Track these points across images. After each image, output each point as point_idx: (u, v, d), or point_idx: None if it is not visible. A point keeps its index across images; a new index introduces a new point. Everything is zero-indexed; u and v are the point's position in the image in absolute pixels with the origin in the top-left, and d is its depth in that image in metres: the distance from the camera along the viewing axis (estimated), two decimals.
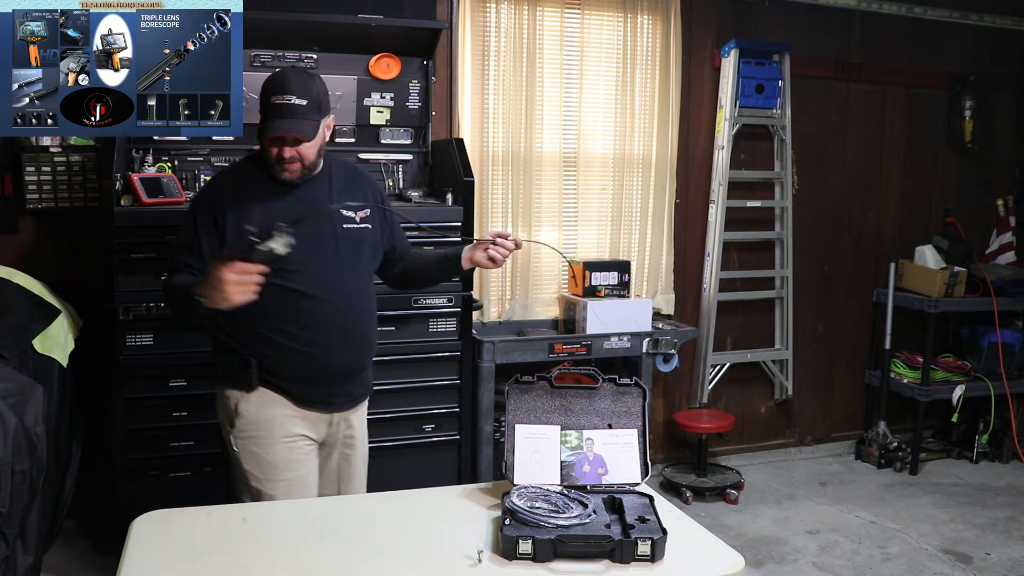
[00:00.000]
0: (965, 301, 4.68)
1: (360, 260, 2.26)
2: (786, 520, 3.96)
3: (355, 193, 2.27)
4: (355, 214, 2.24)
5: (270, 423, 2.17)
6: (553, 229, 4.15)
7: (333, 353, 2.18)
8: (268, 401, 2.16)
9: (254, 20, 3.01)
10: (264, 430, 2.16)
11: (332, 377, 2.22)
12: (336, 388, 2.24)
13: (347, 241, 2.21)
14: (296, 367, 2.14)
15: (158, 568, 1.59)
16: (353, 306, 2.22)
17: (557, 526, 1.66)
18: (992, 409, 4.70)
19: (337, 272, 2.18)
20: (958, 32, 4.90)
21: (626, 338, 3.80)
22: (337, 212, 2.19)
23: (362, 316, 2.27)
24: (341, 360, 2.21)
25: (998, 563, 3.55)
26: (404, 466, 3.25)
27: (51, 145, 3.27)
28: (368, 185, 2.36)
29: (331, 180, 2.22)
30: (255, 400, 2.16)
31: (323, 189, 2.20)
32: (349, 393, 2.29)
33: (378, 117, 3.55)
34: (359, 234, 2.25)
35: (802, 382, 4.81)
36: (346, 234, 2.21)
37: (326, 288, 2.14)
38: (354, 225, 2.24)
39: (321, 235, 2.15)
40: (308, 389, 2.19)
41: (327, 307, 2.15)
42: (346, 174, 2.29)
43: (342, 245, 2.20)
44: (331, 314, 2.16)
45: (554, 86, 4.04)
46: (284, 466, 2.16)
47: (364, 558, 1.64)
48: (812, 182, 4.71)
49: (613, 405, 2.00)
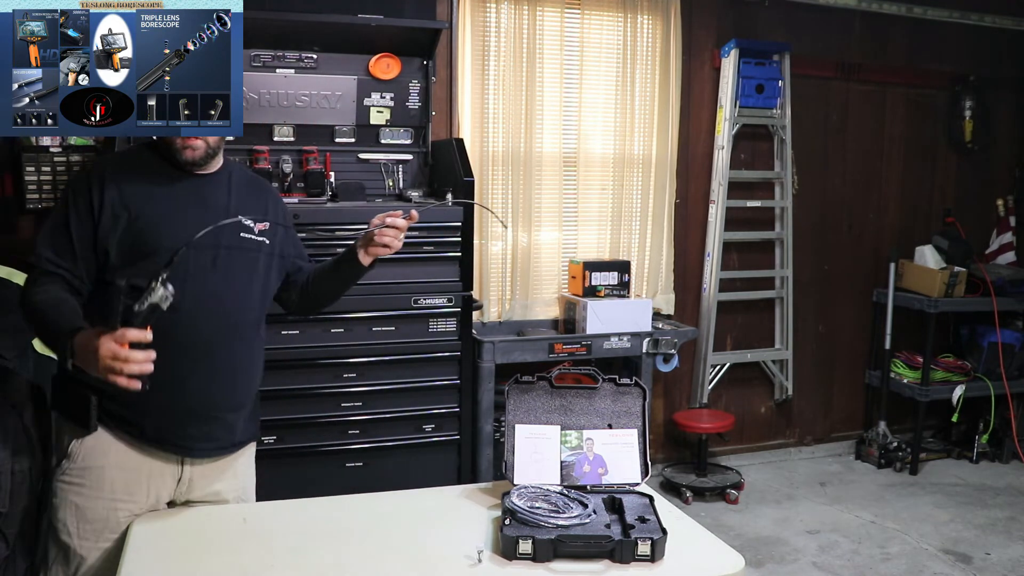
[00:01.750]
0: (965, 301, 4.69)
1: (250, 278, 1.92)
2: (786, 520, 3.96)
3: (257, 203, 1.97)
4: (254, 225, 1.92)
5: (100, 475, 1.79)
6: (553, 229, 4.15)
7: (195, 383, 1.81)
8: (104, 448, 1.77)
9: (254, 20, 3.02)
10: (91, 481, 1.79)
11: (190, 415, 1.82)
12: (194, 430, 1.84)
13: (238, 253, 1.89)
14: (145, 396, 1.61)
15: (158, 568, 1.59)
16: (230, 330, 1.86)
17: (557, 526, 1.66)
18: (992, 409, 4.71)
19: (216, 286, 1.84)
20: (958, 32, 4.90)
21: (626, 338, 3.80)
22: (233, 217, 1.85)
23: (241, 343, 1.89)
24: (204, 393, 1.83)
25: (998, 563, 3.55)
26: (404, 466, 3.25)
27: (51, 145, 3.27)
28: (270, 197, 2.07)
29: (230, 183, 1.93)
30: (90, 443, 1.78)
31: (220, 190, 1.90)
32: (212, 439, 1.87)
33: (378, 117, 3.55)
34: (254, 248, 1.92)
35: (802, 382, 4.81)
36: (240, 244, 1.89)
37: (197, 302, 1.78)
38: (251, 236, 1.91)
39: (203, 241, 1.78)
40: (158, 424, 1.80)
41: (194, 326, 1.79)
42: (247, 181, 2.00)
43: (228, 256, 1.86)
44: (198, 335, 1.79)
45: (554, 86, 4.05)
46: (103, 528, 1.78)
47: (364, 558, 1.64)
48: (812, 182, 4.71)
49: (613, 405, 2.00)
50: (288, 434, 3.13)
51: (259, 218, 1.93)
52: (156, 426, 1.81)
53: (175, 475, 1.86)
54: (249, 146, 3.34)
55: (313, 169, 3.36)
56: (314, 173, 3.35)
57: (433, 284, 3.27)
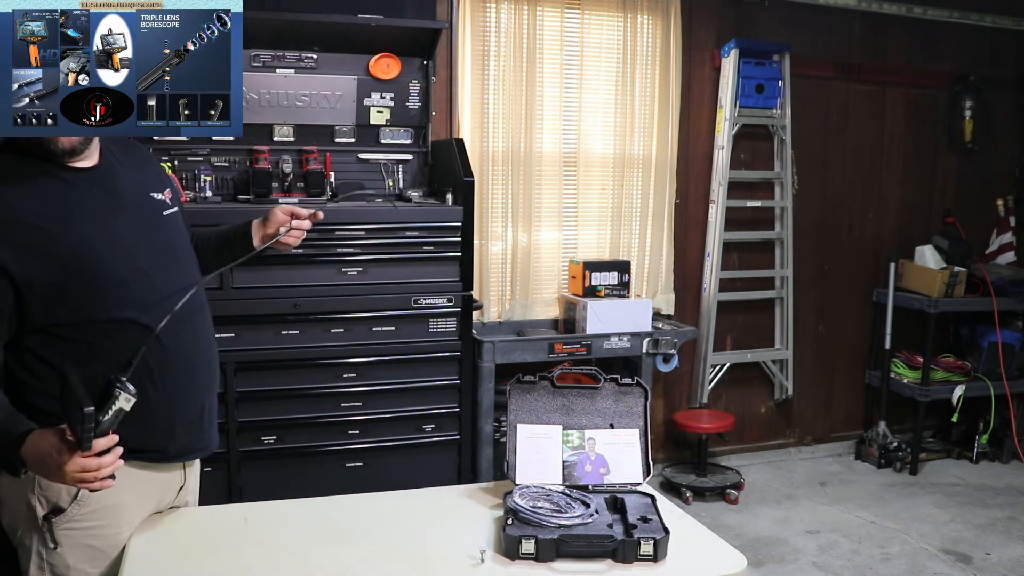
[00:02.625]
0: (965, 301, 4.69)
1: (188, 253, 1.79)
2: (786, 520, 3.96)
3: (147, 168, 1.79)
4: (164, 196, 1.75)
5: (120, 512, 1.67)
6: (553, 229, 4.15)
7: (200, 384, 1.74)
8: (120, 483, 1.52)
9: (254, 20, 3.03)
10: (110, 519, 1.65)
11: (203, 415, 1.77)
12: (206, 430, 1.80)
13: (175, 235, 1.75)
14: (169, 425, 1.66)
15: (160, 569, 1.59)
16: (199, 311, 1.76)
17: (560, 526, 1.66)
18: (992, 409, 4.70)
19: (177, 279, 1.69)
20: (958, 32, 4.90)
21: (626, 338, 3.80)
22: (148, 198, 1.72)
23: (205, 320, 1.80)
24: (206, 389, 1.77)
25: (998, 563, 3.55)
26: (404, 466, 3.25)
27: None
28: (151, 157, 1.86)
29: (115, 157, 1.71)
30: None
31: (118, 169, 1.70)
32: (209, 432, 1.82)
33: (378, 117, 3.55)
34: (176, 222, 1.78)
35: (802, 382, 4.81)
36: (171, 224, 1.75)
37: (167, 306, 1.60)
38: (169, 211, 1.75)
39: (145, 232, 1.67)
40: (182, 442, 1.74)
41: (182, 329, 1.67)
42: (121, 147, 1.76)
43: (173, 241, 1.74)
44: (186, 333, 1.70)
45: (554, 86, 4.04)
46: (116, 549, 1.68)
47: (367, 558, 1.64)
48: (812, 182, 4.71)
49: (615, 405, 2.00)
50: (288, 434, 3.13)
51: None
52: (180, 444, 1.74)
53: (180, 481, 1.83)
54: (249, 146, 3.34)
55: (313, 169, 3.35)
56: (314, 173, 3.35)
57: (433, 284, 3.27)
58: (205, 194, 3.26)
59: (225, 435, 3.04)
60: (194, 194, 3.25)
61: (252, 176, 3.28)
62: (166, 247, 1.71)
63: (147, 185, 1.73)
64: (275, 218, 1.87)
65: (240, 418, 3.06)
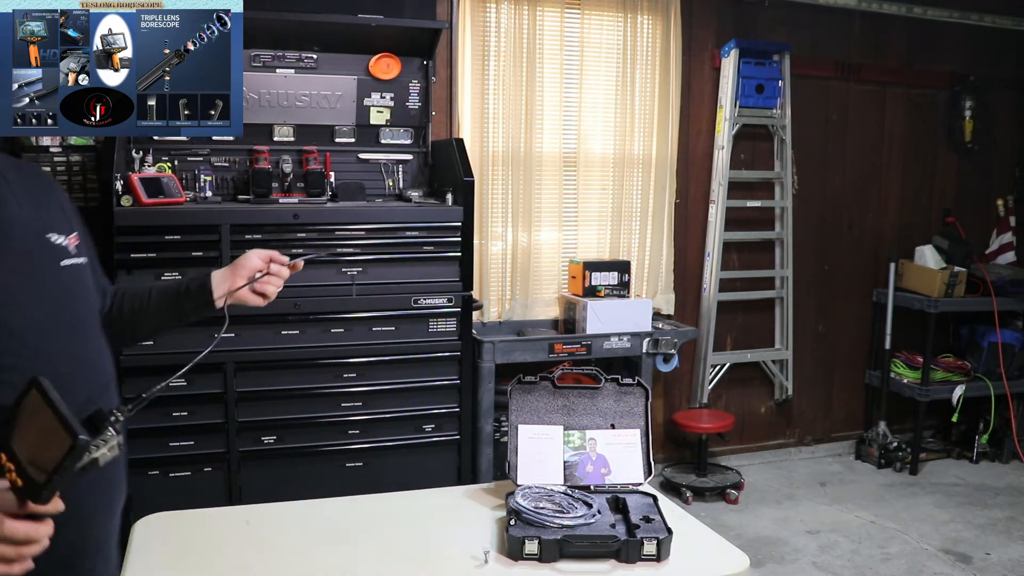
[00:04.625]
0: (965, 301, 4.69)
1: (94, 318, 1.43)
2: (786, 520, 3.96)
3: (50, 206, 1.40)
4: (67, 241, 1.38)
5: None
6: (553, 229, 4.14)
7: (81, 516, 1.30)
8: None
9: (254, 20, 3.03)
10: None
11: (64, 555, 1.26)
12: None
13: (80, 292, 1.39)
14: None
15: (161, 570, 1.58)
16: (101, 387, 1.41)
17: (562, 526, 1.65)
18: (992, 409, 4.70)
19: (74, 352, 1.34)
20: (958, 32, 4.90)
21: (626, 338, 3.80)
22: (45, 242, 1.33)
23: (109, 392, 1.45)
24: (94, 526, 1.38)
25: (998, 563, 3.55)
26: (404, 466, 3.25)
27: (51, 145, 3.26)
28: (59, 193, 1.48)
29: (7, 181, 1.33)
30: None
31: (6, 197, 1.31)
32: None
33: (378, 117, 3.55)
34: (82, 275, 1.40)
35: (802, 382, 4.81)
36: (73, 276, 1.37)
37: (67, 377, 1.22)
38: (73, 260, 1.37)
39: (36, 283, 1.29)
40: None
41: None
42: (20, 173, 1.39)
43: (71, 299, 1.36)
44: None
45: (554, 86, 4.04)
46: None
47: (369, 558, 1.63)
48: (812, 182, 4.71)
49: (616, 405, 2.00)
50: (288, 434, 3.12)
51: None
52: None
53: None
54: (249, 146, 3.33)
55: (313, 169, 3.35)
56: (314, 173, 3.34)
57: (433, 284, 3.26)
58: (205, 194, 3.25)
59: (225, 435, 3.04)
60: (194, 194, 3.25)
61: (252, 176, 3.27)
62: (59, 307, 1.32)
63: (46, 225, 1.35)
64: (248, 262, 1.56)
65: (240, 418, 3.06)
